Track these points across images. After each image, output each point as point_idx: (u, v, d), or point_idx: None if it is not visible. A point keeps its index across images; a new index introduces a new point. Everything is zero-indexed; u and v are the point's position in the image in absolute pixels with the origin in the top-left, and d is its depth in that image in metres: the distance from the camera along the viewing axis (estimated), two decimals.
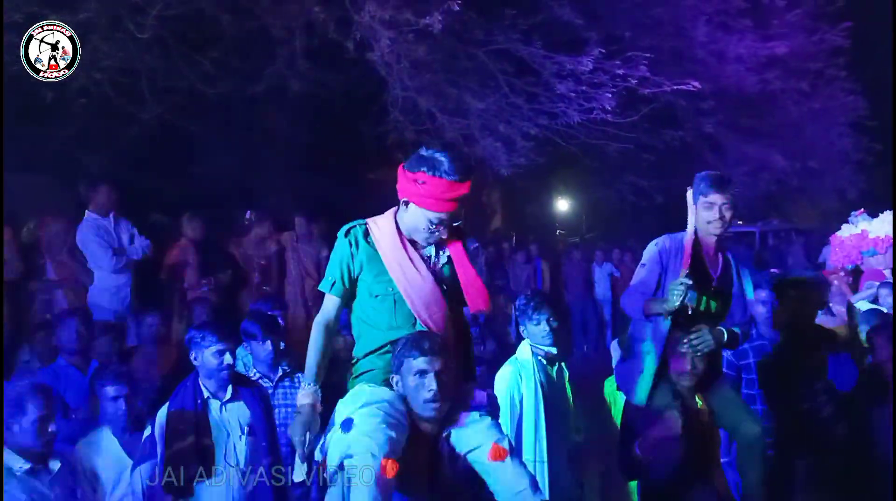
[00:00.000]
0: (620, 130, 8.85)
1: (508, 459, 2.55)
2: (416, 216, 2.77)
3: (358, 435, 2.45)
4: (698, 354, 3.45)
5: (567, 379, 3.98)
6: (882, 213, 6.53)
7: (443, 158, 2.69)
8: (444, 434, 2.64)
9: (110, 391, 3.76)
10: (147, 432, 3.78)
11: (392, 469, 2.37)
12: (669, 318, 3.49)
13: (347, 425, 2.51)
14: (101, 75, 6.96)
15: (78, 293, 5.97)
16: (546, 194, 15.86)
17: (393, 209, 2.89)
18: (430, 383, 2.54)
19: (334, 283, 2.85)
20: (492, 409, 2.71)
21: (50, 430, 3.10)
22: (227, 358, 3.64)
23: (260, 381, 4.24)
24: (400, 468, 2.44)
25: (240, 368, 4.33)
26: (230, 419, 3.68)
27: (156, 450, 3.61)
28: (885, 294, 5.54)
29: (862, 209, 6.49)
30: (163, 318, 5.35)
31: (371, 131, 9.14)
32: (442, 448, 2.64)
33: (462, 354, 2.87)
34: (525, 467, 2.60)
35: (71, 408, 4.29)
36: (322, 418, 2.76)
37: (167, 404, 3.65)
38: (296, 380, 4.43)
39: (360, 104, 9.24)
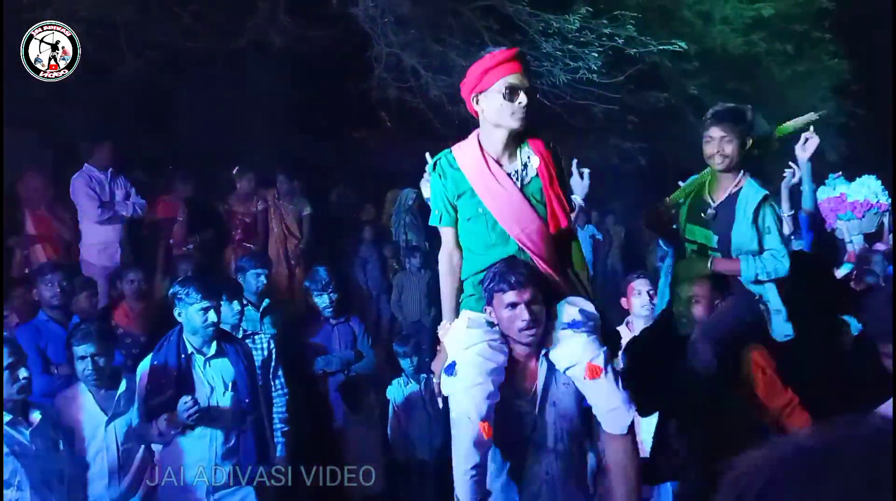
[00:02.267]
0: (606, 91, 8.78)
1: (603, 376, 2.58)
2: (491, 103, 2.75)
3: (459, 391, 2.56)
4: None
5: None
6: (860, 177, 6.43)
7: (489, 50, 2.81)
8: (543, 352, 2.71)
9: (78, 350, 3.72)
10: (122, 388, 3.77)
11: (488, 432, 2.47)
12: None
13: (450, 369, 2.63)
14: (78, 27, 6.79)
15: (57, 248, 5.92)
16: None
17: (476, 131, 2.90)
18: (522, 313, 2.60)
19: (441, 216, 2.91)
20: (588, 325, 2.70)
21: (21, 376, 3.10)
22: (212, 315, 3.64)
23: None
24: (503, 393, 2.59)
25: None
26: (214, 375, 3.69)
27: (130, 406, 3.62)
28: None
29: (840, 172, 6.37)
30: (145, 274, 5.31)
31: (355, 89, 9.03)
32: (541, 366, 2.71)
33: (560, 271, 2.86)
34: (619, 383, 2.62)
35: (53, 363, 4.28)
36: None
37: (149, 358, 3.65)
38: (257, 341, 4.39)
39: (344, 61, 9.11)
